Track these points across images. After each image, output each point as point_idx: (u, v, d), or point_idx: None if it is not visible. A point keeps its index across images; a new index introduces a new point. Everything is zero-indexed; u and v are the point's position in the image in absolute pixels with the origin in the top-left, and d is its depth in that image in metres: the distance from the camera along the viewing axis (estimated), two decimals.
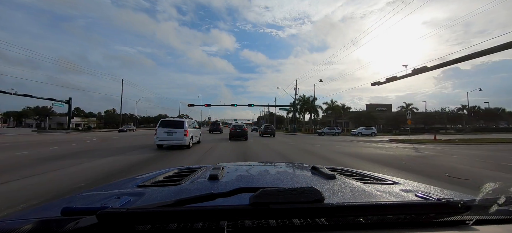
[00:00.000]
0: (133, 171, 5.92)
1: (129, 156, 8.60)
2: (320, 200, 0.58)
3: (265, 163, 1.62)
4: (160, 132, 11.08)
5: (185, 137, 10.97)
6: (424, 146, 14.99)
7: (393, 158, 9.26)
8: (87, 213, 0.56)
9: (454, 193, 0.92)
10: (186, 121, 11.60)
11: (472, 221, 0.62)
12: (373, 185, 0.98)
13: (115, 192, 0.92)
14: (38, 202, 3.45)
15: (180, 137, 10.92)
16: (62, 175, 5.43)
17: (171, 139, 10.91)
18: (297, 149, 12.71)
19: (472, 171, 6.46)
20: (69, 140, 16.53)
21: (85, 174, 5.51)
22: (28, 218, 0.63)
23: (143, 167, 6.60)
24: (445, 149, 13.27)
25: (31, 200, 3.57)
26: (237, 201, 0.66)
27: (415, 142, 18.63)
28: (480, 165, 7.54)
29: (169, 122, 11.58)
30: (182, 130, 11.03)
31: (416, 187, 1.00)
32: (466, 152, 11.54)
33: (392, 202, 0.71)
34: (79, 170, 6.01)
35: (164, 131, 11.02)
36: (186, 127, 11.19)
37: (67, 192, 3.97)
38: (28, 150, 10.10)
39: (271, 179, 1.13)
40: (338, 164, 6.61)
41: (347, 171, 1.32)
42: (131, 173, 5.65)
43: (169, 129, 11.04)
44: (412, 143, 17.48)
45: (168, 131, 11.01)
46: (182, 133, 10.97)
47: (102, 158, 8.01)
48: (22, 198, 3.64)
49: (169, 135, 10.95)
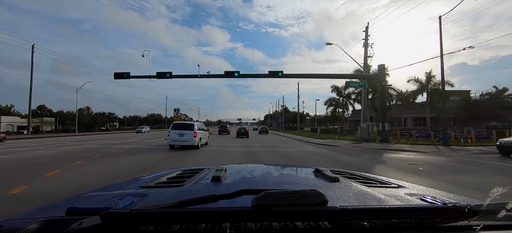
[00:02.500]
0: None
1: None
2: (323, 203, 0.57)
3: (268, 165, 1.62)
4: (172, 133, 12.22)
5: (194, 138, 12.05)
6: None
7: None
8: (91, 214, 0.57)
9: (461, 198, 0.90)
10: (195, 124, 13.00)
11: (479, 226, 0.61)
12: (378, 189, 0.97)
13: (118, 193, 0.93)
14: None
15: (190, 138, 12.00)
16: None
17: (182, 140, 12.02)
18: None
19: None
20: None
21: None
22: (33, 218, 0.64)
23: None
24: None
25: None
26: (240, 203, 0.66)
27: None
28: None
29: (180, 125, 12.80)
30: (192, 132, 12.14)
31: (421, 191, 0.99)
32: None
33: (397, 206, 0.70)
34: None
35: (176, 133, 12.14)
36: (195, 129, 12.36)
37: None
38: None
39: (273, 181, 1.12)
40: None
41: (351, 174, 1.31)
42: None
43: (180, 131, 12.15)
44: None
45: (179, 132, 12.11)
46: (192, 135, 12.06)
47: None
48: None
49: (180, 137, 12.05)
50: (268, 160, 9.39)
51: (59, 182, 5.11)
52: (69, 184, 4.94)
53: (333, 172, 1.23)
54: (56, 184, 4.96)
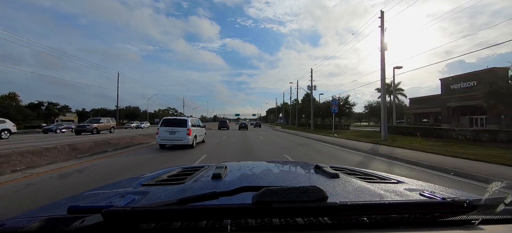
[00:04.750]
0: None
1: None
2: (323, 199, 0.58)
3: (268, 162, 1.62)
4: (162, 131, 10.48)
5: (187, 136, 10.45)
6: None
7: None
8: (92, 212, 0.57)
9: (460, 192, 0.91)
10: (189, 120, 11.07)
11: (478, 220, 0.61)
12: (377, 184, 0.97)
13: (120, 191, 0.93)
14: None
15: (183, 136, 10.41)
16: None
17: (174, 138, 10.43)
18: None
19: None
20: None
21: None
22: (35, 216, 0.65)
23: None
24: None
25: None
26: (240, 200, 0.66)
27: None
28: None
29: (171, 120, 10.97)
30: (185, 129, 10.49)
31: (421, 186, 0.99)
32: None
33: (396, 201, 0.70)
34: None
35: (166, 130, 10.46)
36: (189, 125, 10.66)
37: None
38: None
39: (274, 178, 1.13)
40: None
41: (351, 170, 1.31)
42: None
43: (171, 128, 10.47)
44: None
45: (171, 130, 10.45)
46: (184, 132, 10.44)
47: None
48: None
49: (171, 134, 10.42)
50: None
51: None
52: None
53: (333, 168, 1.23)
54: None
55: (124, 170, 6.05)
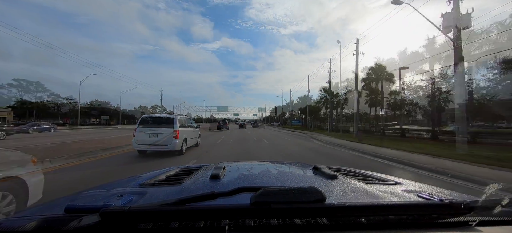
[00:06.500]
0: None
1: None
2: (322, 200, 0.58)
3: (266, 163, 1.62)
4: (140, 132, 7.88)
5: (174, 139, 7.89)
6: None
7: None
8: (90, 212, 0.57)
9: (457, 194, 0.91)
10: (177, 118, 8.47)
11: (475, 222, 0.62)
12: (375, 186, 0.98)
13: (117, 191, 0.93)
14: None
15: (168, 139, 7.84)
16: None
17: (155, 142, 7.82)
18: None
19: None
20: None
21: None
22: (32, 216, 0.64)
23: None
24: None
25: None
26: (239, 201, 0.66)
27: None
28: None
29: (153, 119, 8.41)
30: (171, 130, 7.95)
31: (418, 187, 1.00)
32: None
33: (394, 203, 0.70)
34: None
35: (146, 132, 7.86)
36: (176, 125, 8.11)
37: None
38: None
39: (272, 179, 1.13)
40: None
41: (349, 171, 1.32)
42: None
43: (152, 129, 7.92)
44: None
45: (151, 131, 7.87)
46: (170, 134, 7.87)
47: None
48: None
49: (152, 137, 7.81)
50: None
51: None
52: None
53: (331, 169, 1.23)
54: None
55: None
